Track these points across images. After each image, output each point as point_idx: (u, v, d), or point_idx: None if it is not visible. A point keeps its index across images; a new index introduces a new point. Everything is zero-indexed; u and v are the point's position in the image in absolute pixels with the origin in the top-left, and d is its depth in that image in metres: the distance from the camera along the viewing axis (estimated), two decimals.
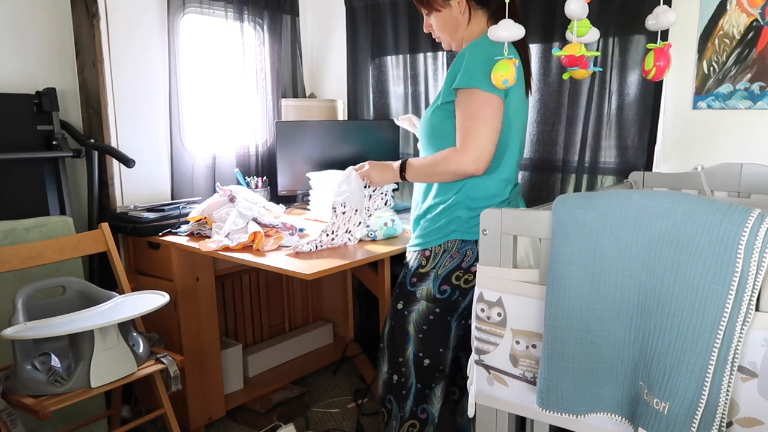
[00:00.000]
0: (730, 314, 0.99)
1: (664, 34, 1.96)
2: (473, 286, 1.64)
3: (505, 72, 1.33)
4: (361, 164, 1.82)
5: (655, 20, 1.38)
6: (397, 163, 1.74)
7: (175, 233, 2.17)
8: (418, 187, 1.77)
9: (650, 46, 1.40)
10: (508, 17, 1.33)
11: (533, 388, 1.27)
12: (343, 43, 2.96)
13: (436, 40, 1.75)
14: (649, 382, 1.09)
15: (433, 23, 1.71)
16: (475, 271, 1.65)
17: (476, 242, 1.64)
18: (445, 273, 1.66)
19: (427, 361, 1.72)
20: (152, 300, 1.78)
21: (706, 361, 1.01)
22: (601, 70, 1.84)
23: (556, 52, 1.35)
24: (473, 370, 1.38)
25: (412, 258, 1.74)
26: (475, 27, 1.65)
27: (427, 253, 1.68)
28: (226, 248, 1.94)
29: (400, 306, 1.73)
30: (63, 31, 2.26)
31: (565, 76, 1.49)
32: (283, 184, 2.70)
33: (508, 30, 1.31)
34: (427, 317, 1.69)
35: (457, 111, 1.58)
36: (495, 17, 1.62)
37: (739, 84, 1.96)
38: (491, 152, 1.55)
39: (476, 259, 1.65)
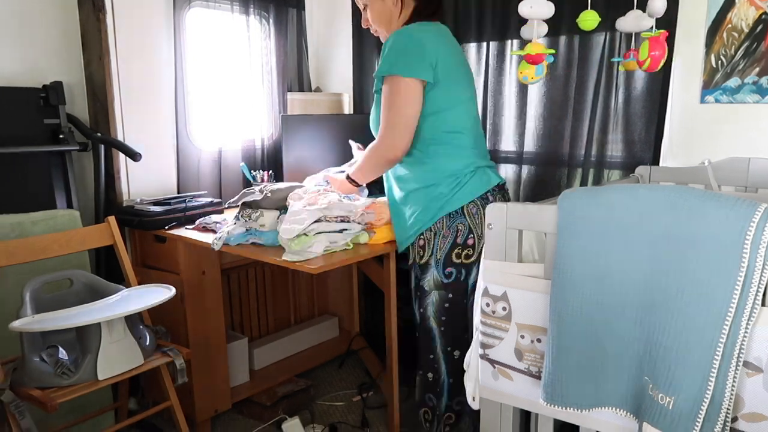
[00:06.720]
0: (735, 309, 0.99)
1: (661, 23, 1.92)
2: (474, 260, 1.65)
3: (525, 70, 1.42)
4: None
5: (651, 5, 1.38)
6: (342, 176, 1.87)
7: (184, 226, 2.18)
8: (386, 183, 1.84)
9: (645, 35, 1.38)
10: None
11: (538, 382, 1.27)
12: (349, 36, 2.96)
13: (374, 34, 1.80)
14: (654, 376, 1.09)
15: (369, 17, 1.75)
16: (472, 244, 1.65)
17: (462, 212, 1.64)
18: (444, 255, 1.65)
19: (457, 353, 1.72)
20: (159, 293, 1.79)
21: (711, 356, 1.01)
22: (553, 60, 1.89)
23: (514, 51, 1.38)
24: (477, 365, 1.38)
25: (410, 255, 1.75)
26: (404, 18, 1.70)
27: (421, 242, 1.69)
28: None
29: (416, 305, 1.75)
30: (69, 24, 2.26)
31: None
32: (288, 178, 2.70)
33: (530, 7, 1.39)
34: (443, 306, 1.69)
35: (381, 100, 1.65)
36: (423, 8, 1.69)
37: (748, 78, 1.94)
38: (407, 137, 1.62)
39: (469, 231, 1.65)
